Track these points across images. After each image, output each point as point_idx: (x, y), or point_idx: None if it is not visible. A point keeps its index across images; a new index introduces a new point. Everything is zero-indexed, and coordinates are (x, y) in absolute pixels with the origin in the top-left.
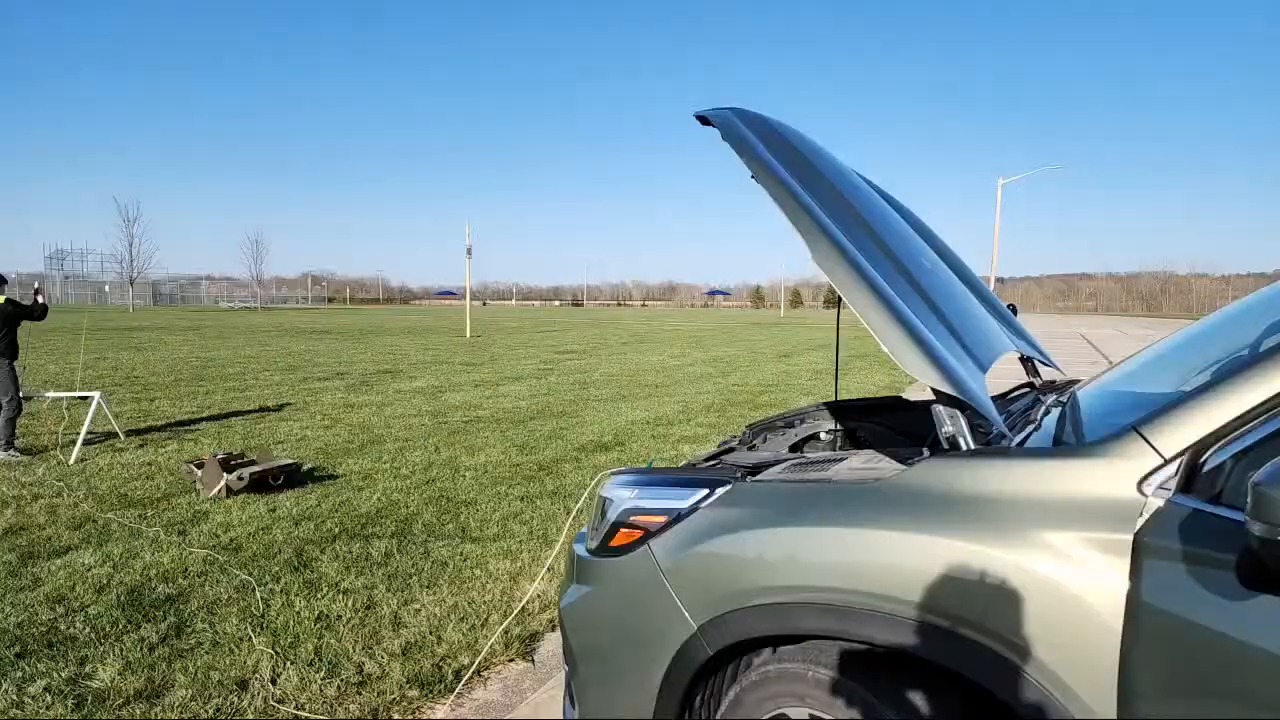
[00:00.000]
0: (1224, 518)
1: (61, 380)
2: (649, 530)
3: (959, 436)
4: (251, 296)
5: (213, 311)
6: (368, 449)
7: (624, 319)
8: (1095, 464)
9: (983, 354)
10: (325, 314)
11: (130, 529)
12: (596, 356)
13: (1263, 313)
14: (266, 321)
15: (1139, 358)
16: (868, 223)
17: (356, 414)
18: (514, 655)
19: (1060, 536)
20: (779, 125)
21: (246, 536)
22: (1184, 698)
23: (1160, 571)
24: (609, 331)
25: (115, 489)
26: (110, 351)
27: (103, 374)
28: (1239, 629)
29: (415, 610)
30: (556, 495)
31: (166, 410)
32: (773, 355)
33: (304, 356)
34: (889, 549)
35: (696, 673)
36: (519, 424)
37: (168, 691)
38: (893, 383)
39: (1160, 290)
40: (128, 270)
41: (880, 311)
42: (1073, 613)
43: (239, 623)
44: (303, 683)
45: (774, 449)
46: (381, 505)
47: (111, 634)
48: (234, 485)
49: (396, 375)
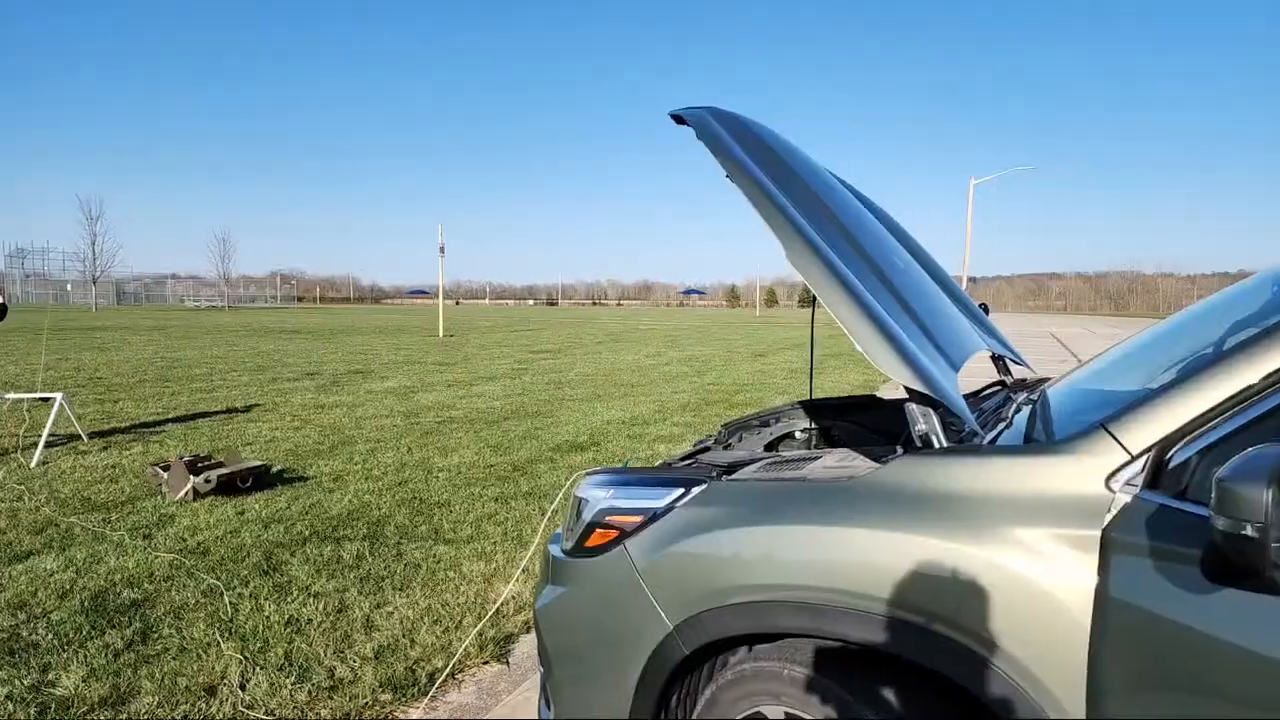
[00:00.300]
0: (1189, 513)
1: (22, 381)
2: (624, 530)
3: (932, 434)
4: (218, 296)
5: (178, 311)
6: (339, 450)
7: (599, 318)
8: (1064, 461)
9: (955, 353)
10: (294, 313)
11: (94, 533)
12: (571, 356)
13: (1227, 311)
14: (234, 321)
15: (1107, 356)
16: (841, 222)
17: (327, 415)
18: (488, 657)
19: (1031, 533)
20: (753, 124)
21: (214, 540)
22: (1151, 691)
23: (1127, 566)
24: (584, 331)
25: (78, 492)
26: (73, 352)
27: (65, 375)
28: (1204, 623)
29: (388, 613)
30: (531, 496)
31: (131, 412)
32: (748, 354)
33: (273, 356)
34: (863, 547)
35: (672, 672)
36: (493, 424)
37: (133, 698)
38: (867, 381)
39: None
40: (90, 269)
41: (854, 310)
42: (1043, 608)
43: (207, 628)
44: (272, 688)
45: (749, 448)
46: (353, 507)
47: (75, 640)
48: (201, 488)
49: (368, 375)
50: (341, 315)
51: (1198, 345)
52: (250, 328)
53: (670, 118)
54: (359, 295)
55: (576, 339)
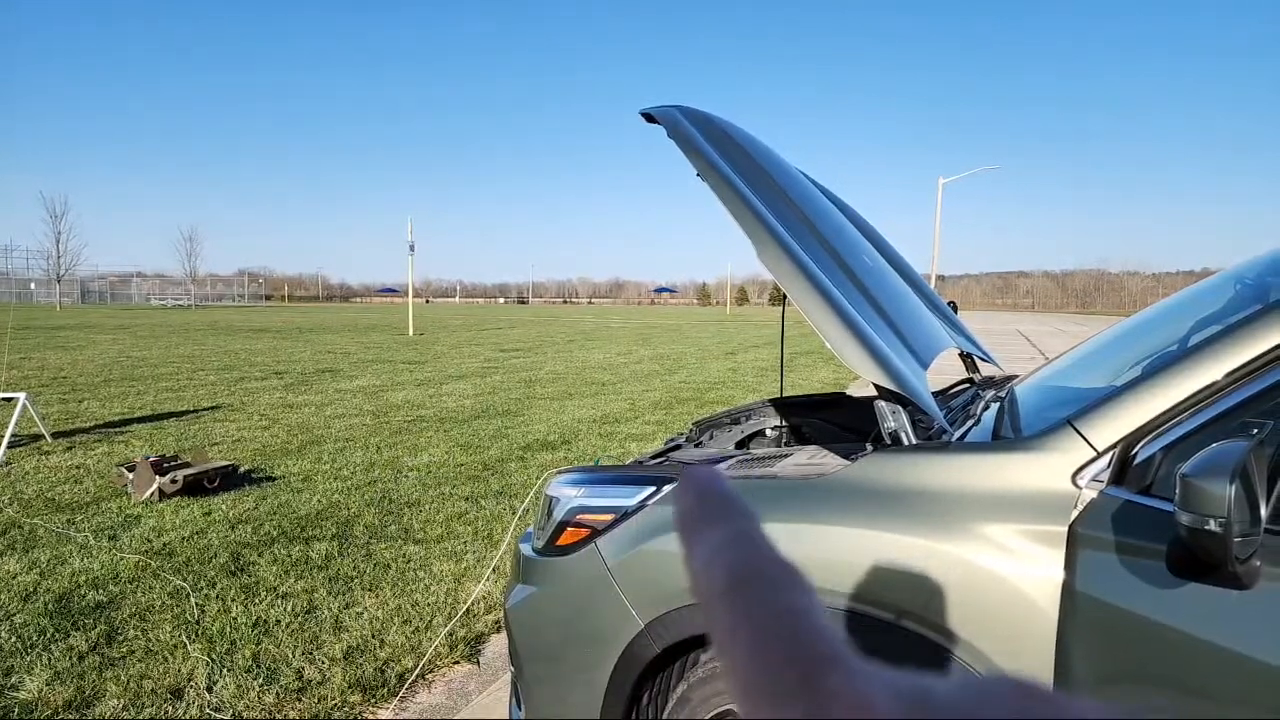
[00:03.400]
0: (1154, 508)
1: None
2: (596, 529)
3: (901, 432)
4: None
5: (144, 310)
6: (307, 450)
7: (570, 316)
8: (1031, 457)
9: (924, 350)
10: (262, 312)
11: (58, 534)
12: (542, 354)
13: (1191, 309)
14: (201, 319)
15: (1074, 353)
16: (811, 220)
17: (295, 414)
18: (459, 657)
19: (999, 529)
20: (724, 123)
21: (180, 541)
22: (1118, 684)
23: (1094, 561)
24: (555, 329)
25: (42, 493)
26: (36, 351)
27: (28, 374)
28: (1168, 616)
29: (357, 614)
30: (502, 495)
31: (96, 411)
32: (719, 352)
33: (240, 355)
34: (833, 543)
35: (644, 671)
36: (463, 423)
37: (98, 701)
38: (836, 379)
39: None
40: (55, 267)
41: (824, 308)
42: (1011, 603)
43: (173, 630)
44: (240, 690)
45: (720, 446)
46: (321, 507)
47: (39, 643)
48: (167, 488)
49: (337, 374)
50: (310, 314)
51: (1162, 343)
52: (217, 326)
53: (641, 116)
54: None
55: (547, 337)
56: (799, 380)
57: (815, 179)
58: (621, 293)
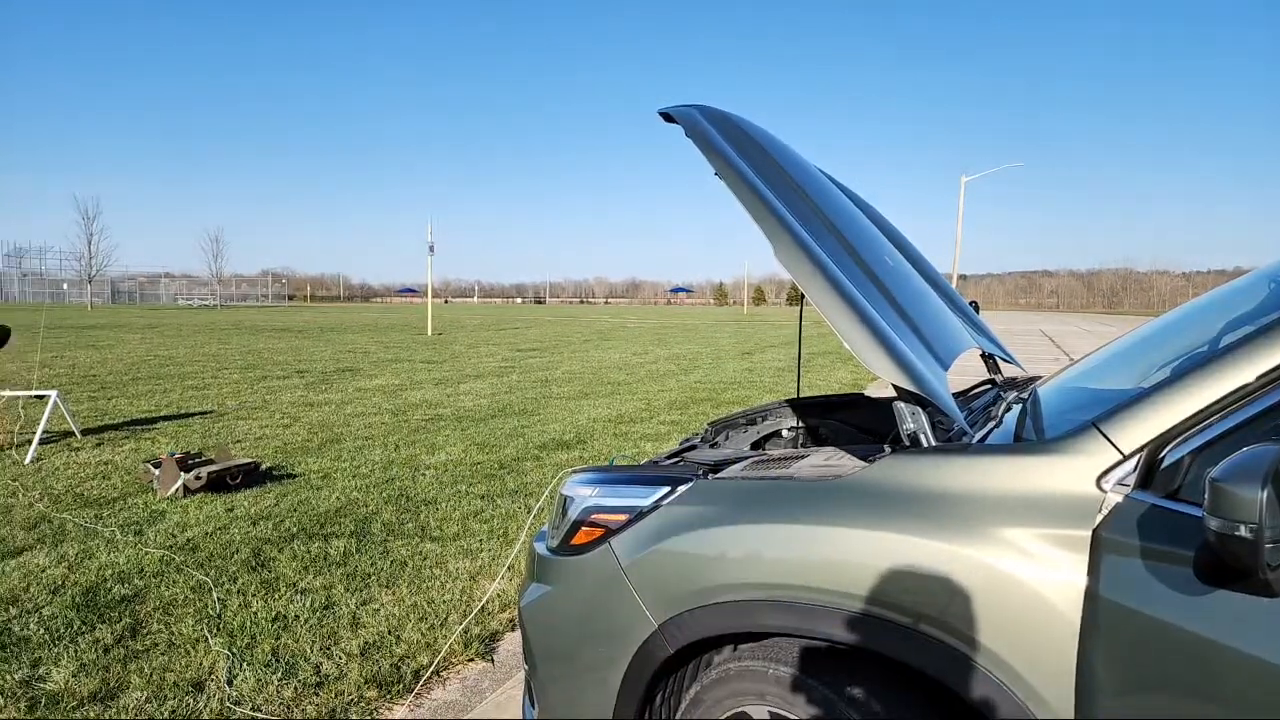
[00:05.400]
0: (1182, 513)
1: (18, 379)
2: (610, 528)
3: (920, 433)
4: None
5: (172, 309)
6: (327, 448)
7: (587, 316)
8: (1055, 460)
9: (944, 351)
10: (285, 312)
11: (86, 529)
12: (559, 354)
13: (1222, 309)
14: (226, 319)
15: (1099, 354)
16: (830, 219)
17: (316, 412)
18: (473, 655)
19: (1020, 532)
20: (742, 122)
21: (203, 536)
22: (1141, 692)
23: (1118, 567)
24: (571, 329)
25: (71, 488)
26: (68, 350)
27: (60, 372)
28: (1196, 624)
29: (374, 610)
30: (517, 494)
31: (124, 409)
32: (735, 352)
33: (263, 354)
34: (850, 546)
35: (657, 671)
36: (480, 422)
37: (122, 693)
38: (855, 380)
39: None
40: (87, 268)
41: (842, 308)
42: (1032, 609)
43: (195, 623)
44: (259, 684)
45: (736, 446)
46: (340, 504)
47: (66, 635)
48: (191, 484)
49: (356, 373)
50: (331, 313)
51: (1192, 343)
52: (242, 326)
53: (660, 116)
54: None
55: (564, 337)
56: (816, 380)
57: (835, 177)
58: (638, 293)
